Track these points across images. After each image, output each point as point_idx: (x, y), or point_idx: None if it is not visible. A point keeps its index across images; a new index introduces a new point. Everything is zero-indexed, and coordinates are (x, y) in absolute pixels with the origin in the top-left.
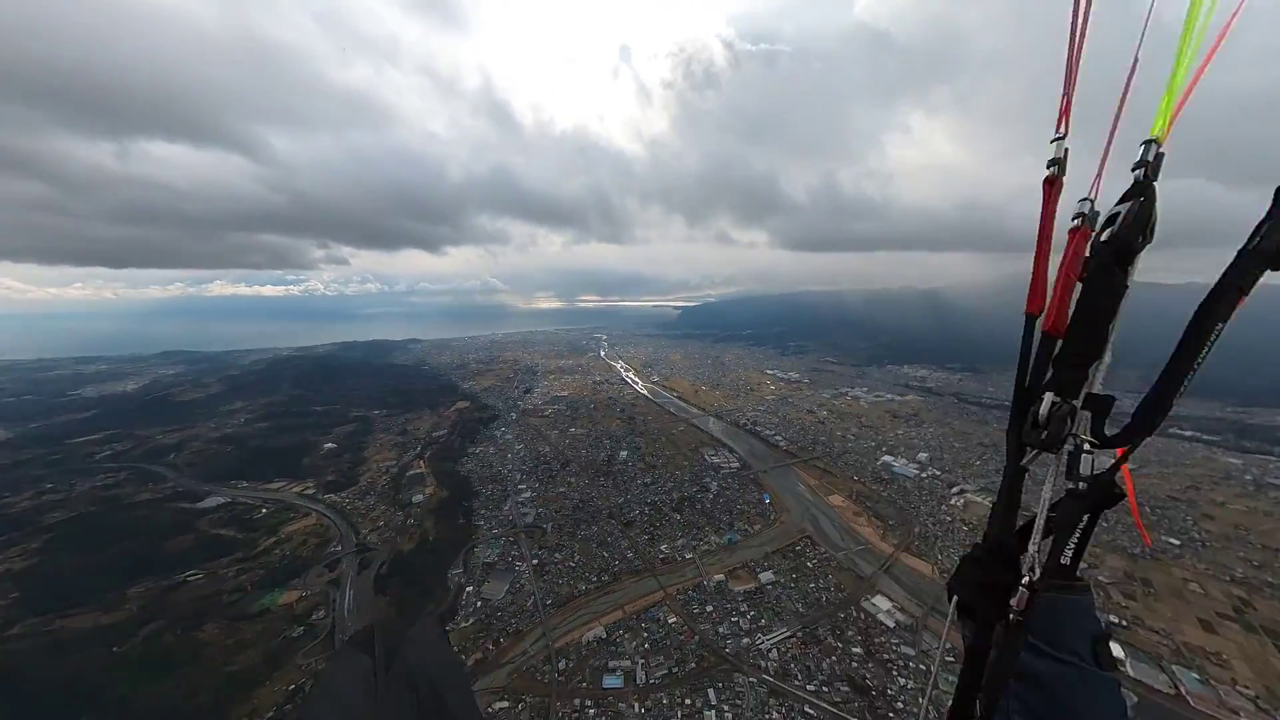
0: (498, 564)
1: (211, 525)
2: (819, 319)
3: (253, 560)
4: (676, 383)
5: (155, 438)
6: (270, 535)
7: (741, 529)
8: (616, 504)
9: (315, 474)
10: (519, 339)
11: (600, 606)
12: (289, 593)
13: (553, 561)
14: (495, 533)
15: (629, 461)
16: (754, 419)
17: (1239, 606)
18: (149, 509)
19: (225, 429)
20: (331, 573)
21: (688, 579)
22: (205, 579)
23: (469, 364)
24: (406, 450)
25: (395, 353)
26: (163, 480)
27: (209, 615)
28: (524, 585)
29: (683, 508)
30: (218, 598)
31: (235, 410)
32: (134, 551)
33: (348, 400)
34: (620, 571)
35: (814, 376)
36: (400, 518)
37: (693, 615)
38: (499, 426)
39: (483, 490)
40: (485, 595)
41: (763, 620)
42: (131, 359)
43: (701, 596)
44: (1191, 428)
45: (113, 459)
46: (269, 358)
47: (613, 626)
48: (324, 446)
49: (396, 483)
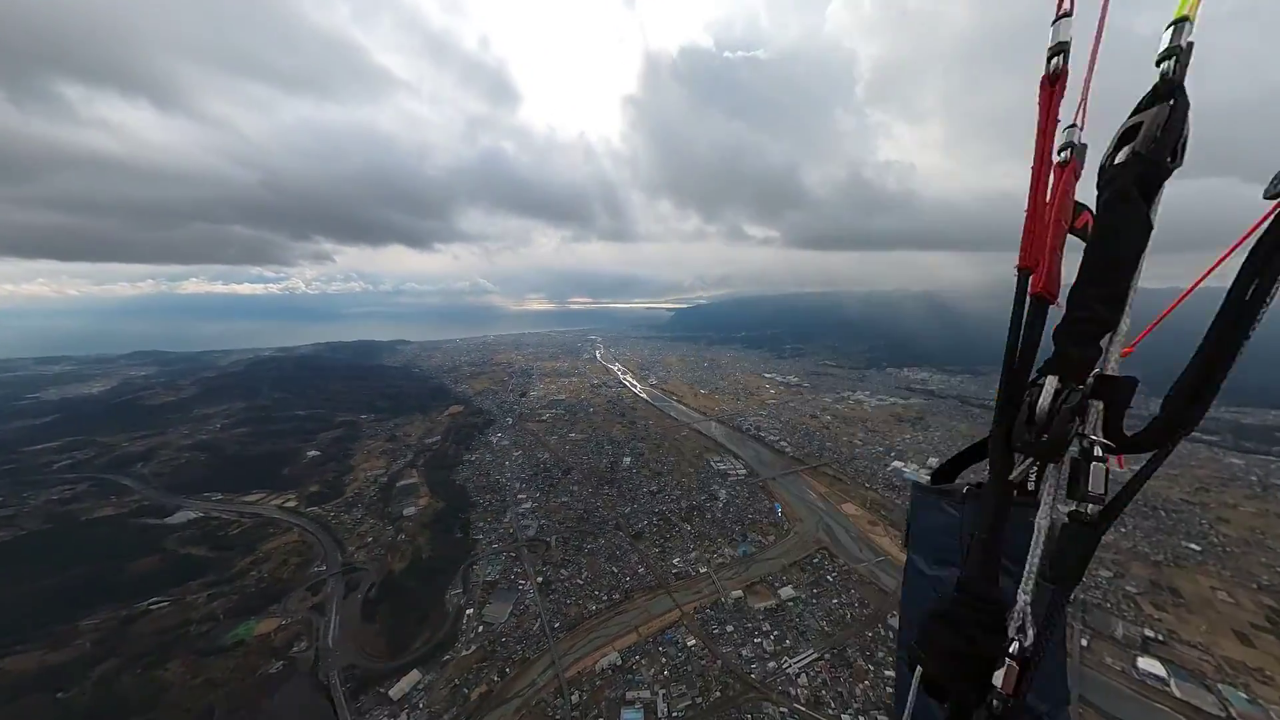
0: (499, 582)
1: (180, 543)
2: (814, 321)
3: (226, 584)
4: (675, 385)
5: (121, 445)
6: (246, 554)
7: (755, 540)
8: (623, 514)
9: (297, 484)
10: (511, 340)
11: (613, 629)
12: (266, 621)
13: (559, 579)
14: (495, 547)
15: (633, 468)
16: (757, 424)
17: (1272, 617)
18: (110, 526)
19: (199, 435)
20: (315, 597)
21: (704, 595)
22: (171, 607)
23: (461, 366)
24: (397, 458)
25: (383, 354)
26: (127, 493)
27: (174, 650)
28: (529, 606)
29: (692, 517)
30: (185, 629)
31: (210, 415)
32: (90, 576)
33: (333, 404)
34: (632, 588)
35: (814, 380)
36: (391, 533)
37: (713, 637)
38: (495, 432)
39: (480, 501)
40: (487, 619)
41: (787, 641)
42: (99, 359)
43: (720, 615)
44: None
45: (72, 469)
46: (249, 358)
47: (628, 651)
48: (307, 454)
49: (386, 494)
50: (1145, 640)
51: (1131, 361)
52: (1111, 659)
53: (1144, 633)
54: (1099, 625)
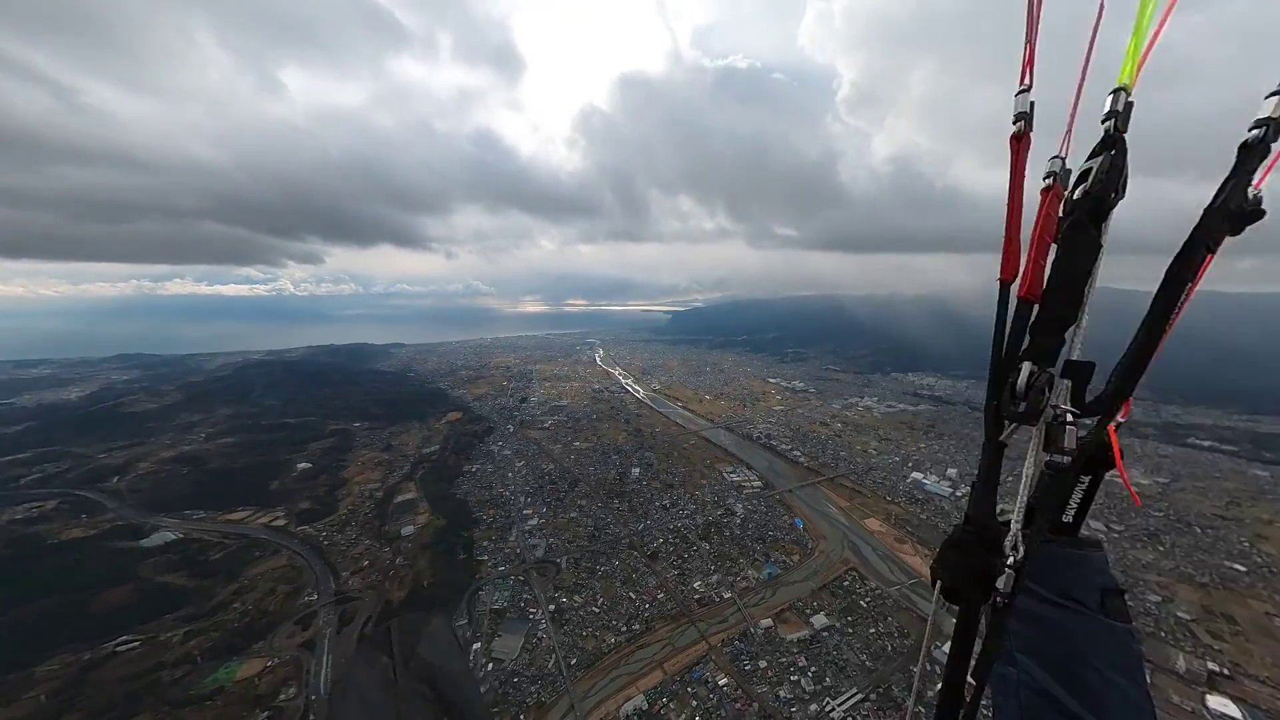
0: (508, 611)
1: (156, 570)
2: (815, 325)
3: (205, 618)
4: (679, 391)
5: (97, 457)
6: (229, 581)
7: (779, 560)
8: (636, 531)
9: (286, 500)
10: (509, 343)
11: (635, 665)
12: (250, 662)
13: (572, 606)
14: (502, 570)
15: (643, 480)
16: (766, 432)
17: None
18: (79, 550)
19: (181, 446)
20: (304, 632)
21: (731, 624)
22: (142, 647)
23: (458, 370)
24: (393, 469)
25: (377, 358)
26: (101, 510)
27: (143, 701)
28: (542, 639)
29: (710, 535)
30: (156, 674)
31: (194, 423)
32: (52, 612)
33: (324, 411)
34: (652, 617)
35: (819, 385)
36: (388, 555)
37: (745, 674)
38: (495, 440)
39: (483, 517)
40: (497, 654)
41: (827, 679)
42: (81, 362)
43: (751, 648)
44: (1208, 437)
45: (42, 483)
46: (237, 362)
47: (654, 693)
48: (297, 466)
49: (382, 510)
50: (1211, 675)
51: (1096, 353)
52: (1179, 697)
53: (1208, 666)
54: (1158, 658)
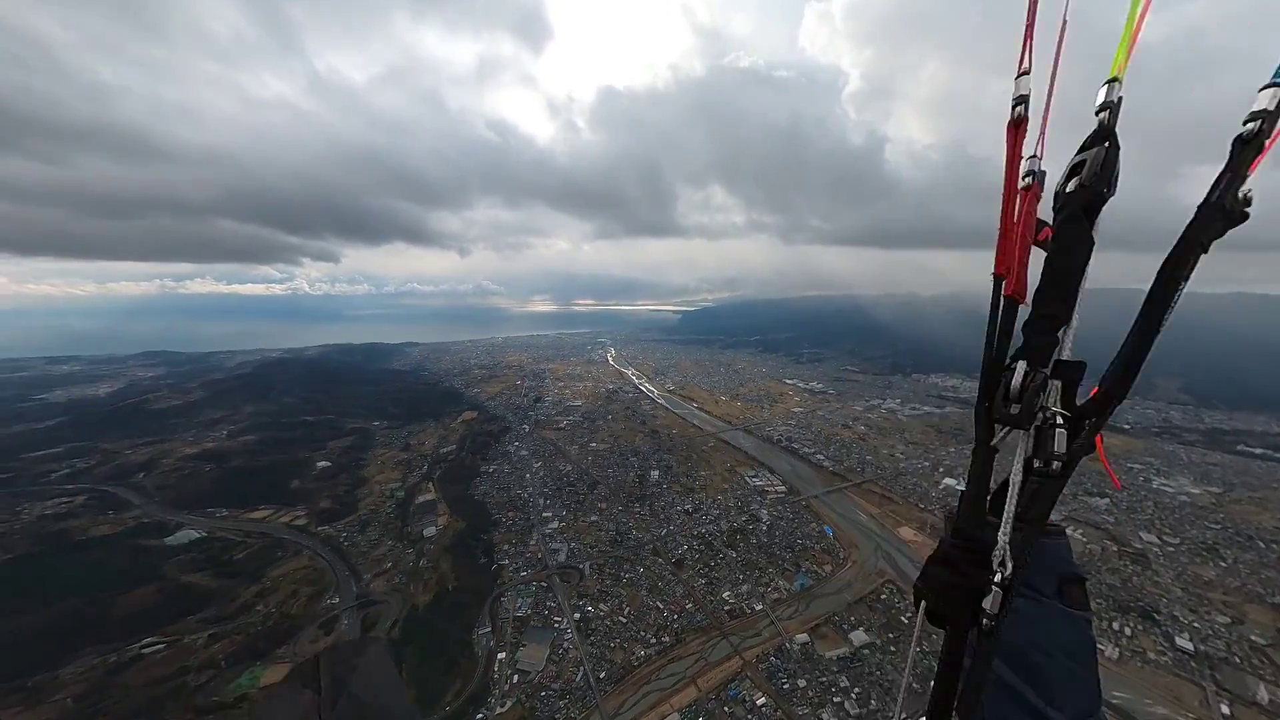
0: (532, 619)
1: (181, 569)
2: (831, 325)
3: (229, 620)
4: (693, 391)
5: (123, 453)
6: (252, 582)
7: (810, 570)
8: (659, 537)
9: (307, 499)
10: (520, 343)
11: (667, 680)
12: (274, 668)
13: (598, 615)
14: (524, 575)
15: (663, 483)
16: (787, 434)
17: None
18: (104, 549)
19: (204, 443)
20: (327, 636)
21: (765, 639)
22: (167, 650)
23: (471, 369)
24: (412, 469)
25: (392, 356)
26: (127, 507)
27: (168, 707)
28: (568, 650)
29: (736, 542)
30: (181, 679)
31: (217, 420)
32: (78, 611)
33: (342, 409)
34: (682, 629)
35: (839, 387)
36: (412, 557)
37: (784, 694)
38: (512, 440)
39: (503, 519)
40: (522, 665)
41: (873, 702)
42: (108, 359)
43: (788, 665)
44: (1259, 444)
45: (71, 479)
46: (256, 360)
47: (690, 712)
48: (317, 465)
49: (404, 511)
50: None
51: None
52: None
53: None
54: (1235, 686)
